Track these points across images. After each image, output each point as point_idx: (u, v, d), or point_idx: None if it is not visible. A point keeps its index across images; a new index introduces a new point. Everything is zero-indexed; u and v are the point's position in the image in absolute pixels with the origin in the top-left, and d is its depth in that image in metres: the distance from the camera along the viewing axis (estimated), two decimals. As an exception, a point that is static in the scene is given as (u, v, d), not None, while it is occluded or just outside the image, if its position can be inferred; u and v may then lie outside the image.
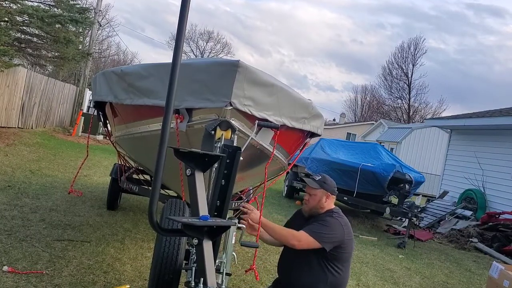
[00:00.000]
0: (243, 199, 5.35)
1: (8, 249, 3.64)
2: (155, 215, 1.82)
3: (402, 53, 40.90)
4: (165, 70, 2.87)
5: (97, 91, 4.29)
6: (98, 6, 18.18)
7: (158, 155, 1.77)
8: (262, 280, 3.93)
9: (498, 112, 10.68)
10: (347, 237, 2.79)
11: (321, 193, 2.86)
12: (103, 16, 25.29)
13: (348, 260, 2.87)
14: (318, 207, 2.87)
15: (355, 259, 5.58)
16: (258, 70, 2.71)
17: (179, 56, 1.77)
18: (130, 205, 6.34)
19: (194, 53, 46.07)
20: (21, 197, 5.50)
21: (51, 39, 12.31)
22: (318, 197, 2.86)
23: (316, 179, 2.90)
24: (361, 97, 48.92)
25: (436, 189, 13.41)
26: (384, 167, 7.83)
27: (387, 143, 23.64)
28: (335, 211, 2.88)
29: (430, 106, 41.22)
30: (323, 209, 2.87)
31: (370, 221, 9.15)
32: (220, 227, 2.16)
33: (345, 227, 2.80)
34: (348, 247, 2.81)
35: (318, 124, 3.90)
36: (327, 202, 2.88)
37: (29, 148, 10.11)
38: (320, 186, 2.86)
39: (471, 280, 5.61)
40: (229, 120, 2.58)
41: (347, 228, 2.82)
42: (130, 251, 4.21)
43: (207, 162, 2.28)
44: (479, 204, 9.99)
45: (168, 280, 2.62)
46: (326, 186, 2.88)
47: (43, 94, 14.06)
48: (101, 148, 13.33)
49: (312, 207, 2.89)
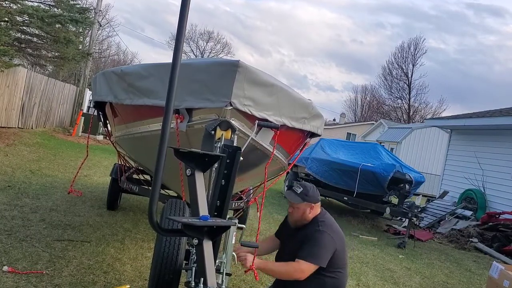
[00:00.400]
0: (243, 199, 5.35)
1: (8, 249, 3.64)
2: (155, 215, 1.82)
3: (402, 53, 40.95)
4: (165, 70, 2.87)
5: (97, 91, 4.29)
6: (98, 6, 18.17)
7: (158, 155, 1.77)
8: (262, 280, 3.93)
9: (498, 112, 10.68)
10: (339, 245, 2.75)
11: (305, 206, 2.79)
12: (103, 16, 25.30)
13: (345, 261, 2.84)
14: (303, 219, 2.82)
15: (355, 259, 5.58)
16: (258, 70, 2.71)
17: (179, 56, 1.77)
18: (130, 205, 6.34)
19: (194, 53, 46.10)
20: (21, 197, 5.50)
21: (51, 39, 12.31)
22: (301, 210, 2.80)
23: (297, 192, 2.80)
24: (361, 97, 48.98)
25: (436, 189, 13.41)
26: (384, 167, 7.84)
27: (387, 143, 23.65)
28: (321, 220, 2.80)
29: (430, 106, 41.28)
30: (309, 219, 2.82)
31: (370, 221, 9.15)
32: (220, 227, 2.16)
33: (335, 236, 2.74)
34: (342, 252, 2.78)
35: (318, 124, 3.90)
36: (311, 212, 2.81)
37: (29, 148, 10.11)
38: (302, 199, 2.78)
39: (471, 280, 5.61)
40: (229, 120, 2.58)
41: (337, 236, 2.77)
42: (130, 251, 4.21)
43: (207, 162, 2.28)
44: (479, 204, 9.99)
45: (168, 280, 2.61)
46: (309, 198, 2.79)
47: (43, 94, 14.06)
48: (101, 148, 13.33)
49: (297, 220, 2.84)
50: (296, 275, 2.61)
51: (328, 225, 2.79)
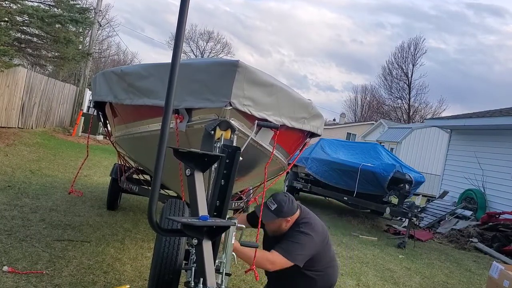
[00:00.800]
0: (243, 199, 5.35)
1: (8, 249, 3.64)
2: (154, 215, 1.82)
3: (402, 53, 40.97)
4: (165, 70, 2.86)
5: (97, 91, 4.29)
6: (98, 6, 18.18)
7: (158, 155, 1.77)
8: (262, 280, 3.92)
9: (498, 112, 10.68)
10: (321, 245, 2.72)
11: (279, 221, 2.77)
12: (103, 16, 25.31)
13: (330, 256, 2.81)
14: (280, 231, 2.80)
15: (355, 259, 5.58)
16: (258, 70, 2.70)
17: (179, 56, 1.77)
18: (130, 205, 6.34)
19: (194, 53, 46.12)
20: (21, 197, 5.50)
21: (51, 39, 12.32)
22: (277, 224, 2.79)
23: (272, 209, 2.76)
24: (361, 97, 49.00)
25: (436, 189, 13.41)
26: (384, 167, 7.83)
27: (387, 143, 23.65)
28: (302, 222, 2.76)
29: (430, 106, 41.31)
30: (287, 229, 2.79)
31: (370, 221, 9.15)
32: (220, 227, 2.16)
33: (316, 237, 2.71)
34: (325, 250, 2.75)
35: (318, 124, 3.89)
36: (287, 225, 2.78)
37: (29, 148, 10.11)
38: (276, 216, 2.75)
39: (471, 280, 5.61)
40: (229, 120, 2.57)
41: (319, 237, 2.74)
42: (130, 251, 4.21)
43: (207, 162, 2.28)
44: (479, 204, 9.99)
45: (168, 280, 2.61)
46: (283, 214, 2.75)
47: (43, 94, 14.06)
48: (101, 148, 13.33)
49: (274, 231, 2.82)
50: (266, 264, 2.60)
51: (309, 225, 2.76)
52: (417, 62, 40.11)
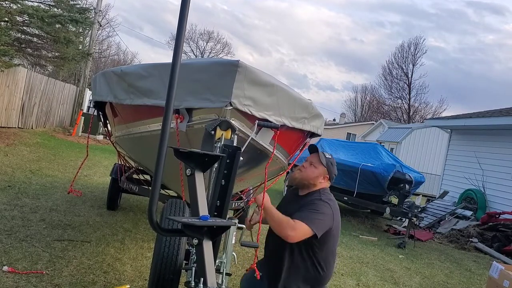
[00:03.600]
0: (243, 199, 5.35)
1: (8, 249, 3.64)
2: (155, 215, 1.82)
3: (402, 53, 40.99)
4: (165, 70, 2.87)
5: (97, 91, 4.28)
6: (98, 6, 18.18)
7: (158, 155, 1.77)
8: (262, 280, 3.93)
9: (498, 112, 10.68)
10: (337, 224, 2.66)
11: (322, 171, 2.72)
12: (103, 16, 25.30)
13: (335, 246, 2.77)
14: (311, 182, 2.71)
15: (355, 259, 5.58)
16: (258, 70, 2.70)
17: (179, 56, 1.76)
18: (130, 205, 6.34)
19: (194, 53, 46.14)
20: (21, 197, 5.50)
21: (51, 39, 12.32)
22: (317, 172, 2.71)
23: (326, 156, 2.76)
24: (361, 97, 49.02)
25: (436, 189, 13.42)
26: (384, 167, 7.84)
27: (387, 143, 23.66)
28: (324, 193, 2.71)
29: (430, 106, 41.33)
30: (315, 186, 2.72)
31: (370, 221, 9.15)
32: (220, 227, 2.16)
33: (335, 212, 2.65)
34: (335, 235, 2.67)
35: (318, 124, 3.89)
36: (322, 182, 2.73)
37: (29, 148, 10.10)
38: (326, 164, 2.72)
39: (471, 280, 5.61)
40: (229, 120, 2.57)
41: (336, 214, 2.67)
42: (130, 251, 4.21)
43: (207, 162, 2.27)
44: (479, 204, 9.99)
45: (168, 280, 2.61)
46: (330, 168, 2.74)
47: (43, 94, 14.06)
48: (101, 148, 13.33)
49: (305, 178, 2.72)
50: (287, 230, 2.47)
51: (332, 200, 2.72)
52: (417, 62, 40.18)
